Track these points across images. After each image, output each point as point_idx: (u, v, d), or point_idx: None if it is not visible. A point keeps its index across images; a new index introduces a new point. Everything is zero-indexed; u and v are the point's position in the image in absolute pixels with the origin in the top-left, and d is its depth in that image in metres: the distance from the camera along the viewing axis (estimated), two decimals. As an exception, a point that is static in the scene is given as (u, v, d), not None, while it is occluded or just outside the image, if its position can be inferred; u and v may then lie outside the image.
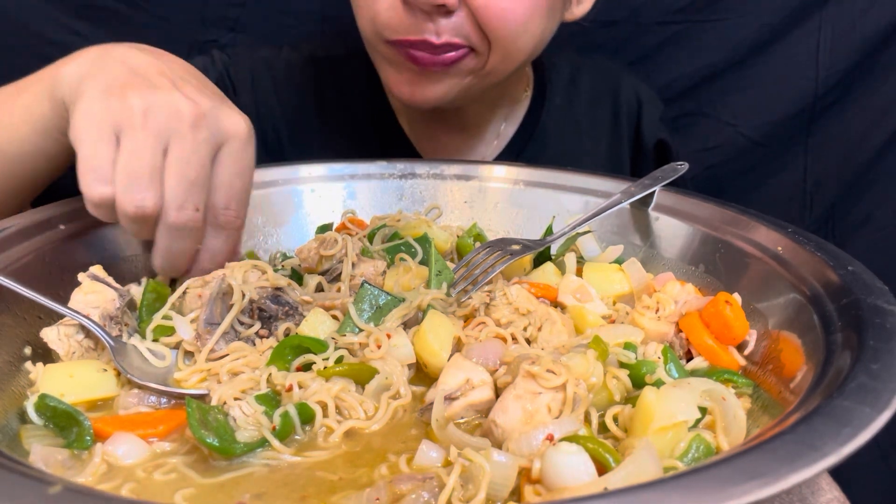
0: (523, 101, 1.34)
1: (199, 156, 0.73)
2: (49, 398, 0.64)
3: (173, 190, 0.72)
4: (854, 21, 1.56)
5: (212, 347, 0.73)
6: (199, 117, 0.73)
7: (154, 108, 0.71)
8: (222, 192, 0.76)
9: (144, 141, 0.70)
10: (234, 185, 0.77)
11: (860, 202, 1.65)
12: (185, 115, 0.72)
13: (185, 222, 0.74)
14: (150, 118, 0.71)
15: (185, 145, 0.72)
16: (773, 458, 0.45)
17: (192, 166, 0.72)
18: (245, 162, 0.77)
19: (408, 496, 0.55)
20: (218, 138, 0.75)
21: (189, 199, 0.73)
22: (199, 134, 0.72)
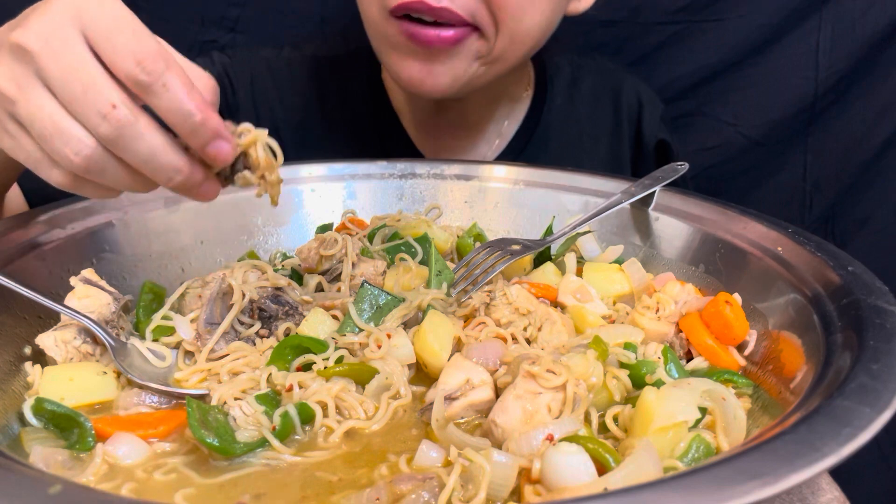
0: (524, 100, 1.34)
1: (69, 63, 0.61)
2: (47, 402, 0.64)
3: (81, 113, 0.61)
4: (854, 21, 1.56)
5: (212, 347, 0.73)
6: (36, 36, 0.61)
7: (5, 73, 0.62)
8: (117, 60, 0.61)
9: (27, 103, 0.62)
10: (117, 45, 0.60)
11: (860, 202, 1.65)
12: (28, 48, 0.61)
13: (118, 125, 0.60)
14: (10, 82, 0.62)
15: (51, 72, 0.61)
16: (774, 458, 0.45)
17: (71, 80, 0.60)
18: (108, 16, 0.61)
19: (408, 496, 0.55)
20: (70, 32, 0.61)
21: (98, 105, 0.60)
22: (50, 50, 0.61)
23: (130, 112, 0.61)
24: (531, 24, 1.07)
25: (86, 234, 0.84)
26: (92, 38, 0.61)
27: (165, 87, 0.60)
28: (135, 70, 0.60)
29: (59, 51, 0.60)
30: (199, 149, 0.64)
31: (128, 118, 0.60)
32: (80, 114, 0.61)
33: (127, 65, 0.60)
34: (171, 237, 0.93)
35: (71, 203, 0.86)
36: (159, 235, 0.91)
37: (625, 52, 1.58)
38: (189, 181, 0.65)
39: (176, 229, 0.93)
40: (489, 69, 1.11)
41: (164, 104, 0.61)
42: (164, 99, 0.61)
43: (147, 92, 0.61)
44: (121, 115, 0.60)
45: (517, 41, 1.08)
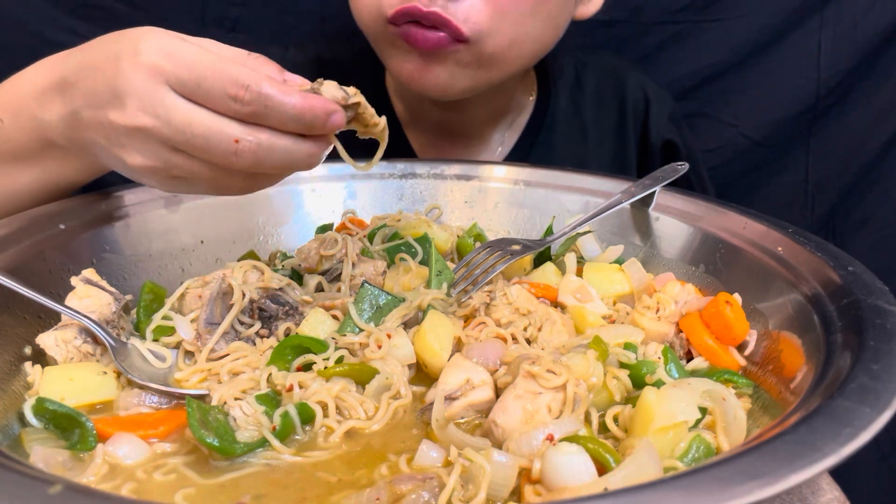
0: (528, 106, 1.33)
1: (178, 119, 0.65)
2: (48, 401, 0.64)
3: (215, 159, 0.66)
4: (855, 21, 1.56)
5: (212, 347, 0.73)
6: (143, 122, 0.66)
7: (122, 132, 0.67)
8: (218, 103, 0.65)
9: (178, 167, 0.68)
10: (210, 88, 0.64)
11: (861, 203, 1.65)
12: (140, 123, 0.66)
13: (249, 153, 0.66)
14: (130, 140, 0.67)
15: (169, 134, 0.65)
16: (774, 458, 0.45)
17: (191, 135, 0.65)
18: (185, 66, 0.65)
19: (408, 496, 0.55)
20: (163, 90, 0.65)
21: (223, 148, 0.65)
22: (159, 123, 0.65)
23: (252, 137, 0.65)
24: (531, 27, 1.07)
25: (86, 234, 0.84)
26: (181, 91, 0.65)
27: (266, 107, 0.64)
28: (234, 107, 0.64)
29: (167, 117, 0.65)
30: (322, 133, 0.69)
31: (252, 144, 0.65)
32: (214, 160, 0.66)
33: (225, 104, 0.65)
34: (171, 237, 0.93)
35: (71, 203, 0.86)
36: (159, 235, 0.91)
37: (625, 52, 1.58)
38: (322, 155, 0.70)
39: (176, 229, 0.93)
40: (488, 73, 1.10)
41: (273, 122, 0.66)
42: (272, 118, 0.65)
43: (255, 118, 0.65)
44: (246, 146, 0.65)
45: (516, 44, 1.07)
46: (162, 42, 0.66)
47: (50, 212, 0.83)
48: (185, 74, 0.64)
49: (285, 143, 0.67)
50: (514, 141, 1.31)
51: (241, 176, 0.69)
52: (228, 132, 0.65)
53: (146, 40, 0.66)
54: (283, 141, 0.66)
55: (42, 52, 0.83)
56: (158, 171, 0.69)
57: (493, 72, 1.10)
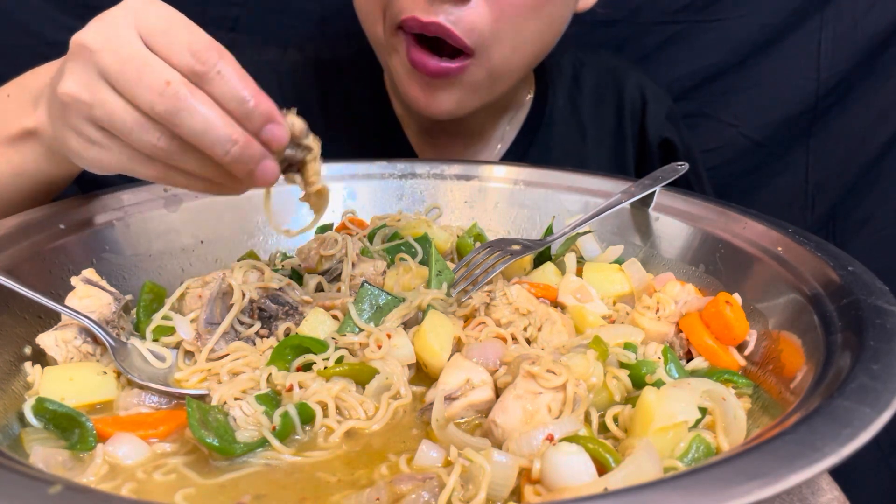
0: (526, 104, 1.33)
1: (124, 54, 0.64)
2: (48, 401, 0.64)
3: (140, 98, 0.64)
4: (855, 21, 1.56)
5: (212, 347, 0.73)
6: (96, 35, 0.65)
7: (75, 78, 0.66)
8: (173, 54, 0.64)
9: (100, 103, 0.65)
10: (172, 40, 0.64)
11: (861, 203, 1.65)
12: (88, 47, 0.65)
13: (172, 99, 0.63)
14: (81, 87, 0.66)
15: (110, 66, 0.64)
16: (774, 458, 0.45)
17: (127, 68, 0.64)
18: (162, 16, 0.66)
19: (408, 496, 0.55)
20: (125, 30, 0.65)
21: (152, 85, 0.63)
22: (108, 45, 0.64)
23: (184, 86, 0.63)
24: (534, 31, 1.07)
25: (86, 234, 0.84)
26: (147, 35, 0.65)
27: (220, 75, 0.64)
28: (190, 60, 0.63)
29: (116, 45, 0.64)
30: (255, 133, 0.66)
31: (181, 91, 0.63)
32: (138, 98, 0.64)
33: (182, 56, 0.63)
34: (171, 237, 0.92)
35: (71, 203, 0.86)
36: (159, 235, 0.91)
37: (625, 52, 1.58)
38: (246, 153, 0.66)
39: (176, 229, 0.93)
40: (497, 87, 1.11)
41: (217, 90, 0.64)
42: (219, 85, 0.64)
43: (202, 80, 0.64)
44: (175, 89, 0.63)
45: (519, 50, 1.07)
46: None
47: (50, 212, 0.83)
48: (157, 20, 0.65)
49: (213, 113, 0.64)
50: (512, 138, 1.31)
51: (159, 136, 0.65)
52: (165, 73, 0.63)
53: None
54: (211, 111, 0.64)
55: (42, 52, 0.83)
56: (82, 106, 0.66)
57: (502, 83, 1.11)
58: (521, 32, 1.05)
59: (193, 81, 0.64)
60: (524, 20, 1.04)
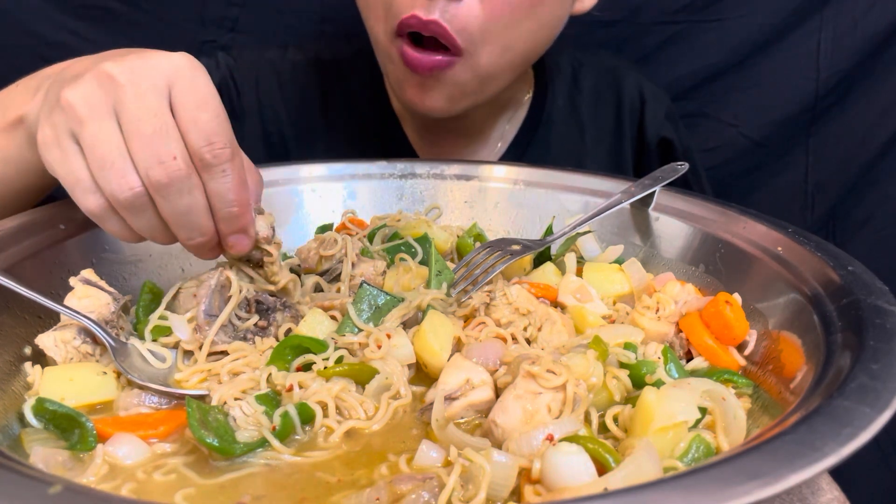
0: (525, 103, 1.33)
1: (148, 106, 0.65)
2: (48, 402, 0.64)
3: (141, 153, 0.65)
4: (855, 21, 1.56)
5: (212, 340, 0.73)
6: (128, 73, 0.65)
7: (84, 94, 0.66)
8: (192, 131, 0.65)
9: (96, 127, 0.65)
10: (199, 119, 0.65)
11: (861, 203, 1.65)
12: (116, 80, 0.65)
13: (171, 175, 0.65)
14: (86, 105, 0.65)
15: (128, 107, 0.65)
16: (774, 458, 0.45)
17: (145, 120, 0.64)
18: (200, 92, 0.67)
19: (408, 496, 0.55)
20: (159, 82, 0.66)
21: (161, 152, 0.64)
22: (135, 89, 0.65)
23: (187, 167, 0.65)
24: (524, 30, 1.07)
25: (86, 234, 0.84)
26: (177, 99, 0.66)
27: (224, 174, 0.67)
28: (204, 148, 0.65)
29: (144, 93, 0.65)
30: (223, 234, 0.71)
31: (183, 172, 0.65)
32: (141, 153, 0.65)
33: (199, 139, 0.65)
34: (172, 237, 0.92)
35: (71, 203, 0.86)
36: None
37: (625, 52, 1.58)
38: (204, 246, 0.71)
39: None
40: (489, 86, 1.11)
41: (213, 187, 0.67)
42: (218, 183, 0.67)
43: (206, 170, 0.66)
44: (178, 167, 0.65)
45: (510, 50, 1.07)
46: (196, 71, 0.67)
47: (50, 212, 0.83)
48: (194, 96, 0.66)
49: (199, 202, 0.67)
50: (512, 137, 1.32)
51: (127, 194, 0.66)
52: (175, 146, 0.65)
53: (184, 58, 0.68)
54: (199, 199, 0.67)
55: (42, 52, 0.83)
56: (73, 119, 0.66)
57: (492, 84, 1.11)
58: (512, 33, 1.05)
59: (197, 166, 0.66)
60: (516, 21, 1.04)
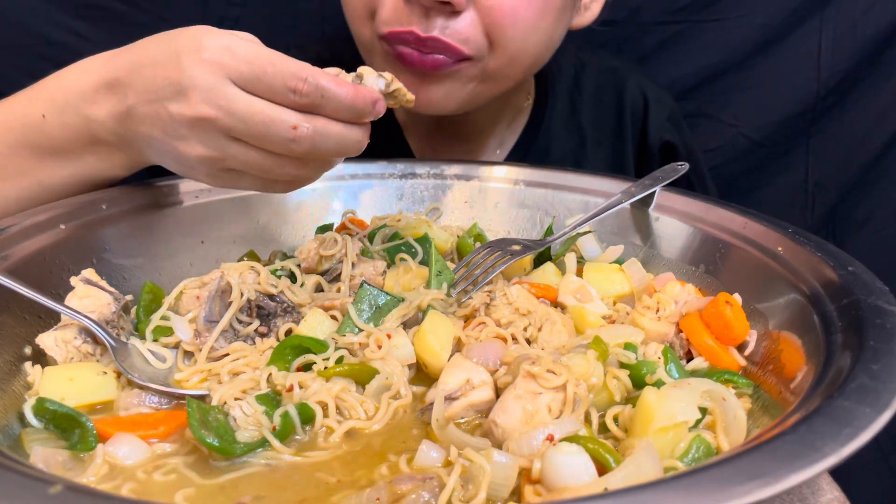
0: (525, 109, 1.32)
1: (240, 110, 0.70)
2: (48, 401, 0.64)
3: (273, 146, 0.72)
4: (855, 21, 1.56)
5: (211, 345, 0.73)
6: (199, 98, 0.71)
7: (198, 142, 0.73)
8: (277, 94, 0.70)
9: (233, 158, 0.73)
10: (270, 83, 0.70)
11: (861, 203, 1.65)
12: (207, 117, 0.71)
13: (305, 140, 0.71)
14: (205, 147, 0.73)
15: (228, 124, 0.71)
16: (774, 458, 0.45)
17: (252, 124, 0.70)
18: (248, 60, 0.70)
19: (408, 496, 0.55)
20: (220, 83, 0.70)
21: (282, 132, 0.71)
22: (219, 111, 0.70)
23: (309, 123, 0.71)
24: (532, 45, 1.06)
25: (86, 234, 0.84)
26: (244, 85, 0.70)
27: (324, 97, 0.71)
28: (293, 98, 0.70)
29: (229, 108, 0.70)
30: (366, 119, 0.75)
31: (309, 131, 0.71)
32: (273, 147, 0.72)
33: (284, 96, 0.70)
34: (171, 237, 0.92)
35: (71, 203, 0.86)
36: (159, 235, 0.91)
37: (625, 52, 1.58)
38: (364, 142, 0.76)
39: (176, 229, 0.93)
40: (488, 88, 1.09)
41: (329, 111, 0.72)
42: (328, 107, 0.71)
43: (312, 108, 0.71)
44: (304, 132, 0.71)
45: (516, 61, 1.06)
46: (223, 40, 0.71)
47: (50, 212, 0.83)
48: (246, 69, 0.69)
49: (338, 129, 0.72)
50: (512, 143, 1.31)
51: (292, 165, 0.74)
52: (287, 119, 0.70)
53: (207, 38, 0.71)
54: (335, 127, 0.72)
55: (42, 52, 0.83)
56: (215, 162, 0.74)
57: (492, 86, 1.10)
58: (520, 43, 1.04)
59: (305, 111, 0.71)
60: (523, 33, 1.03)
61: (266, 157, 0.73)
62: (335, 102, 0.71)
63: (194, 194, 0.96)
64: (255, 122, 0.70)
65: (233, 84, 0.70)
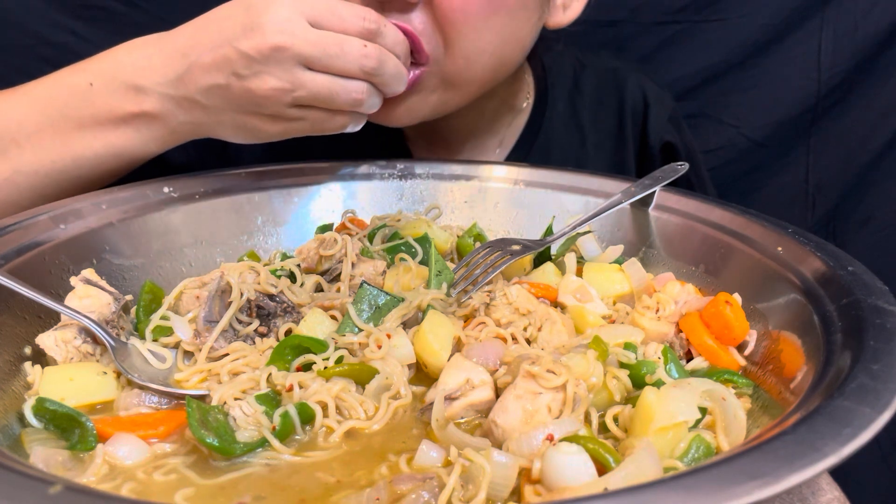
0: (525, 109, 1.31)
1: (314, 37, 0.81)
2: (48, 402, 0.64)
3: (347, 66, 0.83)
4: (855, 22, 1.56)
5: (211, 345, 0.73)
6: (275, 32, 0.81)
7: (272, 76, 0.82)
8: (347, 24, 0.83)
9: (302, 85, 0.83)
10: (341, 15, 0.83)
11: (861, 203, 1.65)
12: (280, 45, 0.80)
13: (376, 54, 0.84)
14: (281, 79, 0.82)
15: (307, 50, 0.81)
16: (774, 458, 0.45)
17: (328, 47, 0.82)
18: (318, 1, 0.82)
19: (408, 496, 0.55)
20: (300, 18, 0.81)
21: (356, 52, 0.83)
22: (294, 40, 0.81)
23: (373, 42, 0.84)
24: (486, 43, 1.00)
25: (86, 234, 0.84)
26: (317, 19, 0.82)
27: (386, 27, 0.85)
28: (363, 24, 0.83)
29: (304, 36, 0.81)
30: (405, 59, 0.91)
31: (377, 49, 0.84)
32: (347, 66, 0.83)
33: (356, 24, 0.83)
34: (171, 237, 0.93)
35: (71, 203, 0.86)
36: (159, 235, 0.91)
37: (625, 52, 1.58)
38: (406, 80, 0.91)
39: (176, 229, 0.93)
40: (452, 96, 1.05)
41: (389, 40, 0.86)
42: (389, 36, 0.86)
43: (377, 35, 0.84)
44: (373, 49, 0.84)
45: (473, 61, 1.01)
46: None
47: (50, 212, 0.83)
48: (319, 6, 0.81)
49: (395, 59, 0.87)
50: (512, 144, 1.31)
51: (358, 91, 0.85)
52: (356, 41, 0.82)
53: None
54: (393, 57, 0.87)
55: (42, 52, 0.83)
56: (284, 94, 0.82)
57: (457, 94, 1.06)
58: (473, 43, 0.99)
59: (371, 39, 0.83)
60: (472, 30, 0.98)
61: (335, 82, 0.82)
62: (392, 35, 0.85)
63: (195, 194, 0.96)
64: (329, 43, 0.80)
65: (305, 20, 0.80)
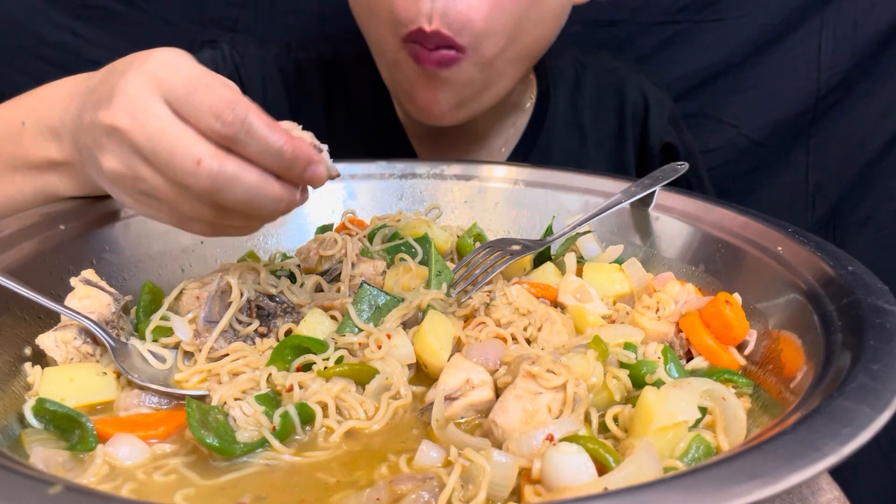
0: (528, 109, 1.33)
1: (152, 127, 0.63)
2: (48, 402, 0.64)
3: (175, 175, 0.63)
4: (855, 21, 1.56)
5: (211, 346, 0.73)
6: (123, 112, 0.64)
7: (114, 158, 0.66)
8: (199, 120, 0.63)
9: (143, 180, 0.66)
10: (197, 105, 0.62)
11: (861, 203, 1.65)
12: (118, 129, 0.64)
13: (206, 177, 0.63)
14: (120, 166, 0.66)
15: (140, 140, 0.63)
16: (774, 458, 0.45)
17: (158, 146, 0.63)
18: (185, 80, 0.63)
19: (408, 496, 0.55)
20: (151, 101, 0.64)
21: (185, 165, 0.63)
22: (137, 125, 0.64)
23: (216, 161, 0.62)
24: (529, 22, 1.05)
25: (86, 235, 0.84)
26: (172, 102, 0.63)
27: (248, 133, 0.62)
28: (215, 124, 0.62)
29: (144, 122, 0.63)
30: (296, 179, 0.66)
31: (214, 169, 0.62)
32: (175, 177, 0.63)
33: (207, 121, 0.62)
34: (171, 237, 0.92)
35: (71, 203, 0.86)
36: (159, 235, 0.91)
37: (625, 52, 1.58)
38: (291, 205, 0.67)
39: (175, 230, 0.93)
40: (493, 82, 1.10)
41: (252, 150, 0.63)
42: (251, 144, 0.63)
43: (233, 143, 0.63)
44: (206, 167, 0.62)
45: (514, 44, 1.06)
46: (171, 56, 0.65)
47: (50, 212, 0.83)
48: (179, 85, 0.63)
49: (252, 178, 0.64)
50: (514, 143, 1.31)
51: (203, 206, 0.66)
52: (194, 150, 0.62)
53: (160, 53, 0.66)
54: (250, 176, 0.63)
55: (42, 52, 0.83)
56: (126, 180, 0.67)
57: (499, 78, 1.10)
58: (516, 24, 1.04)
59: (225, 146, 0.63)
60: (519, 11, 1.03)
61: (171, 188, 0.65)
62: (260, 144, 0.62)
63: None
64: (162, 144, 0.62)
65: (161, 101, 0.63)
